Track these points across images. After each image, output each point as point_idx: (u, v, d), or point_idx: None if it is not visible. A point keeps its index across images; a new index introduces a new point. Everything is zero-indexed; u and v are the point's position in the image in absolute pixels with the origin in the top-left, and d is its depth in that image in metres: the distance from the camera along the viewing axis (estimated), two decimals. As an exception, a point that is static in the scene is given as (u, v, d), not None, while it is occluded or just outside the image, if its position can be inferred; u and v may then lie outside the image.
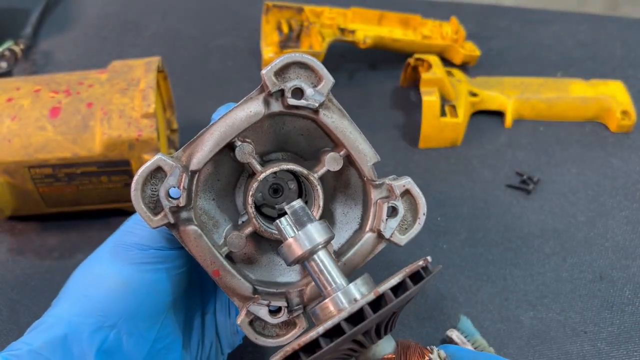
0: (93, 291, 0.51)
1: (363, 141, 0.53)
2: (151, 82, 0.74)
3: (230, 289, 0.52)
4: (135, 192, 0.49)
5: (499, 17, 1.17)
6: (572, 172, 0.89)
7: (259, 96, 0.51)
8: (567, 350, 0.69)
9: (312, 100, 0.50)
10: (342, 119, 0.52)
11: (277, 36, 1.02)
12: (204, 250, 0.51)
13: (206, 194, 0.54)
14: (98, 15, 1.19)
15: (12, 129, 0.72)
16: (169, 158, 0.50)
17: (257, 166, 0.52)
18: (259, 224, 0.53)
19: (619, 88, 0.96)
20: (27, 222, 0.82)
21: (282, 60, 0.50)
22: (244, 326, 0.53)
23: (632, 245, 0.80)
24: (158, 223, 0.50)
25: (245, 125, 0.51)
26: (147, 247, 0.53)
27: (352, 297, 0.45)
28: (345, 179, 0.56)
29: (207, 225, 0.54)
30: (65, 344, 0.48)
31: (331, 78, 0.51)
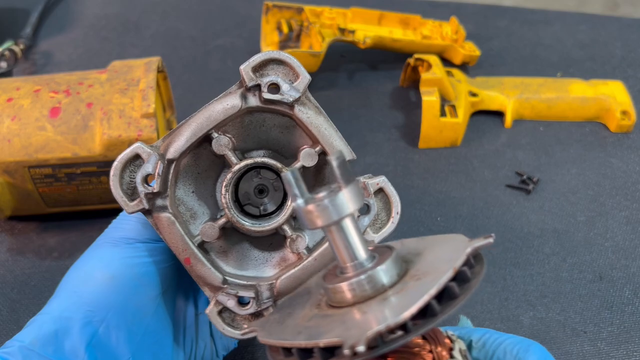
0: (82, 287, 0.52)
1: (338, 138, 0.54)
2: (151, 82, 0.74)
3: (200, 278, 0.54)
4: (114, 177, 0.51)
5: (498, 17, 1.17)
6: (572, 172, 0.89)
7: (237, 91, 0.53)
8: (567, 350, 0.69)
9: (288, 96, 0.52)
10: (317, 116, 0.54)
11: (277, 36, 1.02)
12: (176, 237, 0.52)
13: (186, 185, 0.55)
14: (98, 15, 1.19)
15: (12, 129, 0.72)
16: (147, 146, 0.52)
17: (232, 158, 0.54)
18: (231, 214, 0.54)
19: (619, 88, 0.96)
20: (27, 222, 0.82)
21: (260, 56, 0.52)
22: (213, 316, 0.54)
23: (632, 245, 0.80)
24: (133, 208, 0.52)
25: (221, 117, 0.52)
26: (134, 240, 0.54)
27: (379, 284, 0.40)
28: (324, 176, 0.57)
29: (185, 215, 0.55)
30: (56, 339, 0.49)
31: (307, 75, 0.53)
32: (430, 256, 0.42)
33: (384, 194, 0.55)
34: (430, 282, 0.36)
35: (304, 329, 0.40)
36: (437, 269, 0.38)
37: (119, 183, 0.51)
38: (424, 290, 0.36)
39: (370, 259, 0.41)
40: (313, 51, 0.95)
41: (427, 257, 0.41)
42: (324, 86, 1.03)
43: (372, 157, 0.91)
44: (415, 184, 0.88)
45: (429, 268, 0.39)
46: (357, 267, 0.41)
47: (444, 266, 0.38)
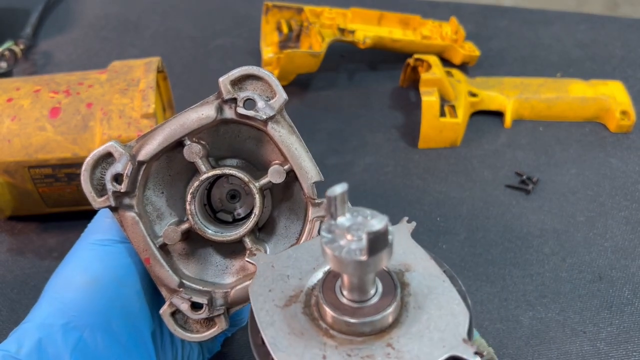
0: (63, 293, 0.52)
1: (308, 159, 0.55)
2: (151, 83, 0.74)
3: (158, 279, 0.55)
4: (85, 172, 0.53)
5: (498, 18, 1.17)
6: (572, 172, 0.89)
7: (214, 101, 0.54)
8: (566, 351, 0.69)
9: (262, 113, 0.53)
10: (290, 135, 0.54)
11: (277, 36, 1.02)
12: (138, 236, 0.54)
13: (156, 186, 0.56)
14: (98, 15, 1.19)
15: (12, 129, 0.72)
16: (120, 146, 0.53)
17: (201, 166, 0.55)
18: (194, 221, 0.55)
19: (619, 88, 0.96)
20: (27, 222, 0.82)
21: (240, 71, 0.53)
22: (165, 316, 0.55)
23: (632, 245, 0.80)
24: (100, 204, 0.53)
25: (195, 126, 0.53)
26: (112, 240, 0.55)
27: (382, 326, 0.40)
28: (291, 193, 0.58)
29: (151, 215, 0.56)
30: (40, 347, 0.49)
31: (284, 95, 0.53)
32: (416, 330, 0.41)
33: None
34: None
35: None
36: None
37: (90, 178, 0.53)
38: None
39: (371, 295, 0.41)
40: (313, 51, 0.95)
41: (413, 329, 0.41)
42: (324, 86, 1.03)
43: (372, 157, 0.92)
44: (415, 184, 0.88)
45: (404, 349, 0.40)
46: (361, 301, 0.41)
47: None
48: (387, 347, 0.39)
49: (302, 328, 0.41)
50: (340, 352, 0.39)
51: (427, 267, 0.44)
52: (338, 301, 0.41)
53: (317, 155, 0.56)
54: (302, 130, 0.56)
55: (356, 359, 0.39)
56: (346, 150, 0.93)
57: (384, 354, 0.39)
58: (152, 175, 0.55)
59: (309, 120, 0.97)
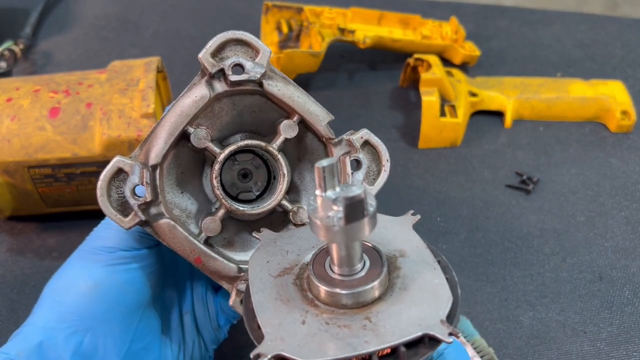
0: (65, 297, 0.51)
1: (313, 103, 0.54)
2: (151, 82, 0.74)
3: (215, 273, 0.53)
4: (102, 197, 0.49)
5: (498, 17, 1.17)
6: (572, 172, 0.89)
7: (201, 81, 0.52)
8: (566, 351, 0.69)
9: (254, 72, 0.51)
10: (287, 86, 0.53)
11: (277, 36, 1.02)
12: (181, 240, 0.51)
13: (173, 188, 0.54)
14: (98, 15, 1.19)
15: (11, 129, 0.72)
16: (127, 158, 0.50)
17: (214, 148, 0.53)
18: (229, 203, 0.53)
19: (619, 88, 0.96)
20: (27, 222, 0.82)
21: (216, 40, 0.51)
22: (237, 306, 0.53)
23: (632, 245, 0.80)
24: (130, 223, 0.50)
25: (194, 111, 0.51)
26: (115, 249, 0.53)
27: (369, 298, 0.41)
28: (306, 145, 0.57)
29: (181, 217, 0.54)
30: (40, 350, 0.48)
31: (267, 49, 0.52)
32: (396, 309, 0.41)
33: (370, 145, 0.56)
34: None
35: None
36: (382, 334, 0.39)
37: (108, 201, 0.49)
38: None
39: (358, 269, 0.42)
40: (313, 51, 0.95)
41: (393, 308, 0.41)
42: (324, 86, 1.03)
43: (371, 157, 0.91)
44: (415, 184, 0.88)
45: (381, 323, 0.40)
46: (348, 275, 0.42)
47: (389, 336, 0.39)
48: (365, 320, 0.40)
49: (289, 296, 0.42)
50: (320, 319, 0.40)
51: (421, 255, 0.45)
52: (326, 274, 0.42)
53: (317, 155, 0.56)
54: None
55: (333, 326, 0.40)
56: (346, 150, 0.93)
57: (360, 326, 0.39)
58: (165, 178, 0.54)
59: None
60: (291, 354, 0.38)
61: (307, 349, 0.38)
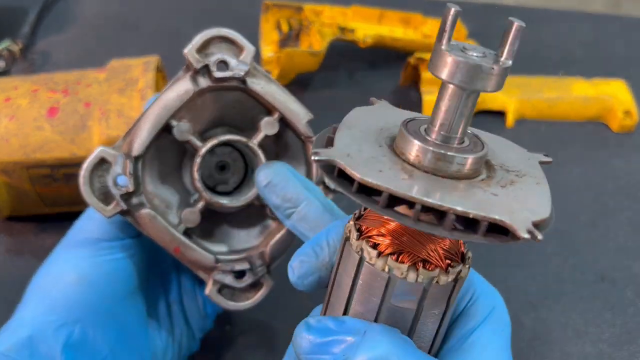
0: (52, 290, 0.52)
1: (294, 102, 0.55)
2: (150, 82, 0.73)
3: (193, 263, 0.54)
4: (85, 186, 0.51)
5: (500, 16, 1.16)
6: (574, 172, 0.88)
7: (185, 75, 0.53)
8: (568, 352, 0.69)
9: (238, 70, 0.52)
10: (269, 84, 0.54)
11: (277, 35, 1.02)
12: (161, 230, 0.53)
13: (154, 179, 0.56)
14: (96, 14, 1.18)
15: (9, 129, 0.71)
16: (110, 149, 0.52)
17: (196, 142, 0.54)
18: (209, 196, 0.55)
19: (621, 87, 0.95)
20: (25, 222, 0.82)
21: (202, 36, 0.53)
22: (214, 295, 0.55)
23: (634, 245, 0.79)
24: (112, 212, 0.52)
25: (177, 105, 0.52)
26: (99, 239, 0.54)
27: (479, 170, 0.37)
28: (285, 143, 0.58)
29: (160, 208, 0.55)
30: (30, 344, 0.48)
31: (252, 47, 0.53)
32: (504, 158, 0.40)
33: None
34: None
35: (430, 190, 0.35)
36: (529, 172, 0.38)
37: (91, 190, 0.52)
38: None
39: (463, 138, 0.39)
40: (313, 50, 0.95)
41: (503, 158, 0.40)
42: (324, 85, 1.02)
43: (372, 157, 0.91)
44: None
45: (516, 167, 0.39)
46: (449, 142, 0.38)
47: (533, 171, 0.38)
48: (509, 173, 0.36)
49: (445, 184, 0.36)
50: (493, 187, 0.36)
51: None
52: (423, 137, 0.38)
53: (317, 155, 0.56)
54: (302, 130, 0.56)
55: (509, 187, 0.36)
56: (347, 149, 0.92)
57: (515, 176, 0.36)
58: (147, 169, 0.55)
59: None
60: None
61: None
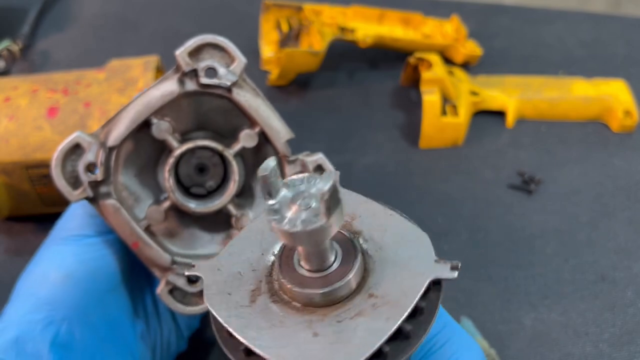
0: (38, 288, 0.52)
1: (276, 119, 0.55)
2: (149, 82, 0.73)
3: (149, 260, 0.55)
4: (56, 168, 0.52)
5: (500, 16, 1.16)
6: (574, 173, 0.88)
7: (173, 76, 0.54)
8: (568, 352, 0.69)
9: (225, 80, 0.53)
10: (255, 98, 0.55)
11: (277, 35, 1.02)
12: (122, 223, 0.54)
13: (127, 170, 0.56)
14: (96, 14, 1.18)
15: (9, 129, 0.71)
16: (87, 135, 0.52)
17: (173, 143, 0.54)
18: (176, 197, 0.55)
19: (621, 87, 0.95)
20: (25, 222, 0.82)
21: (195, 41, 0.53)
22: (164, 295, 0.55)
23: (635, 246, 0.79)
24: (78, 197, 0.52)
25: (160, 104, 0.53)
26: (83, 235, 0.54)
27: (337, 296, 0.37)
28: (263, 155, 0.58)
29: (128, 200, 0.56)
30: (17, 344, 0.48)
31: (243, 59, 0.54)
32: (390, 271, 0.38)
33: (323, 170, 0.57)
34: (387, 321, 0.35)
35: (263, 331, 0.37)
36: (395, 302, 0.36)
37: (62, 173, 0.52)
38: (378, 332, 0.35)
39: (332, 259, 0.38)
40: (313, 50, 0.95)
41: (386, 272, 0.38)
42: (324, 85, 1.02)
43: (372, 157, 0.91)
44: (416, 184, 0.87)
45: (386, 292, 0.37)
46: (325, 269, 0.38)
47: (403, 299, 0.36)
48: (370, 298, 0.37)
49: (279, 317, 0.37)
50: (329, 322, 0.36)
51: (370, 209, 0.42)
52: (302, 277, 0.38)
53: (317, 156, 0.56)
54: (302, 129, 0.56)
55: (347, 321, 0.36)
56: (346, 150, 0.92)
57: (370, 306, 0.36)
58: (122, 160, 0.55)
59: (309, 119, 0.96)
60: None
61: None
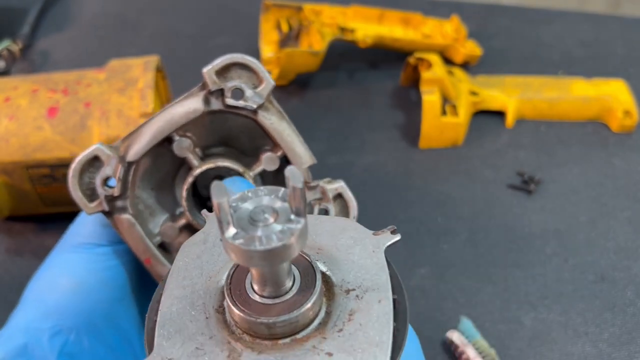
0: (48, 296, 0.51)
1: (300, 144, 0.54)
2: (149, 82, 0.73)
3: (160, 277, 0.54)
4: (73, 179, 0.51)
5: (500, 16, 1.16)
6: (574, 172, 0.88)
7: (199, 93, 0.53)
8: (568, 352, 0.69)
9: (251, 102, 0.52)
10: (280, 121, 0.54)
11: (277, 35, 1.02)
12: (136, 239, 0.53)
13: (145, 183, 0.55)
14: (96, 14, 1.18)
15: (9, 129, 0.71)
16: (107, 148, 0.51)
17: (193, 161, 0.54)
18: (192, 217, 0.55)
19: (621, 87, 0.95)
20: (25, 222, 0.82)
21: (224, 60, 0.52)
22: None
23: (634, 245, 0.79)
24: (93, 210, 0.52)
25: (183, 122, 0.52)
26: (94, 244, 0.54)
27: (302, 323, 0.33)
28: (282, 179, 0.57)
29: (144, 213, 0.55)
30: (25, 351, 0.48)
31: (272, 81, 0.52)
32: (344, 264, 0.36)
33: (342, 199, 0.56)
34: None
35: None
36: (373, 284, 0.34)
37: (78, 184, 0.51)
38: None
39: (290, 282, 0.34)
40: (313, 50, 0.95)
41: (342, 266, 0.36)
42: (324, 85, 1.02)
43: (372, 157, 0.91)
44: (416, 184, 0.87)
45: (358, 281, 0.34)
46: (279, 294, 0.34)
47: (377, 278, 0.34)
48: (350, 293, 0.34)
49: (212, 348, 0.33)
50: (332, 337, 0.32)
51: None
52: (266, 306, 0.34)
53: (317, 155, 0.56)
54: (302, 129, 0.56)
55: (347, 324, 0.32)
56: (346, 149, 0.92)
57: (355, 299, 0.33)
58: (140, 174, 0.55)
59: (309, 119, 0.96)
60: None
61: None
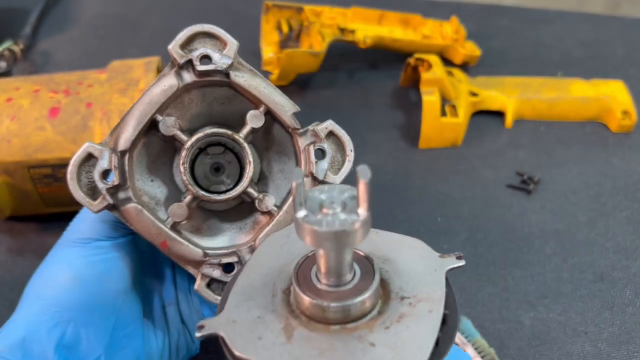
0: (45, 291, 0.52)
1: (279, 94, 0.55)
2: (151, 82, 0.73)
3: (181, 258, 0.54)
4: (72, 181, 0.51)
5: (499, 17, 1.17)
6: (573, 172, 0.88)
7: (170, 71, 0.54)
8: (567, 351, 0.69)
9: (221, 63, 0.53)
10: (254, 77, 0.55)
11: (277, 36, 1.02)
12: (147, 224, 0.53)
13: (143, 175, 0.56)
14: (97, 14, 1.18)
15: (11, 129, 0.72)
16: (97, 144, 0.52)
17: (182, 136, 0.54)
18: (195, 189, 0.55)
19: (620, 88, 0.96)
20: (26, 222, 0.82)
21: (185, 32, 0.54)
22: (202, 290, 0.55)
23: (633, 245, 0.79)
24: (99, 206, 0.52)
25: (162, 99, 0.53)
26: (92, 239, 0.54)
27: (364, 311, 0.38)
28: (273, 136, 0.58)
29: (150, 204, 0.56)
30: (24, 344, 0.49)
31: (235, 41, 0.54)
32: (406, 276, 0.40)
33: (335, 136, 0.57)
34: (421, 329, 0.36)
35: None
36: (428, 297, 0.38)
37: (78, 185, 0.52)
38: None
39: (350, 277, 0.39)
40: (313, 51, 0.95)
41: (403, 277, 0.40)
42: (324, 86, 1.03)
43: (372, 157, 0.91)
44: (416, 185, 0.88)
45: (414, 292, 0.38)
46: (339, 284, 0.39)
47: (433, 293, 0.38)
48: (404, 300, 0.37)
49: (326, 342, 0.37)
50: (378, 331, 0.36)
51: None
52: (327, 292, 0.38)
53: (317, 155, 0.56)
54: (303, 130, 0.56)
55: (395, 324, 0.36)
56: (346, 150, 0.92)
57: (408, 306, 0.37)
58: (135, 165, 0.55)
59: (309, 120, 0.96)
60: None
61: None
